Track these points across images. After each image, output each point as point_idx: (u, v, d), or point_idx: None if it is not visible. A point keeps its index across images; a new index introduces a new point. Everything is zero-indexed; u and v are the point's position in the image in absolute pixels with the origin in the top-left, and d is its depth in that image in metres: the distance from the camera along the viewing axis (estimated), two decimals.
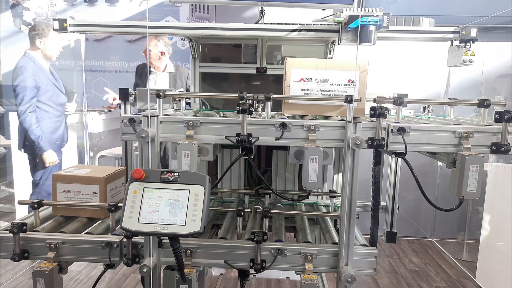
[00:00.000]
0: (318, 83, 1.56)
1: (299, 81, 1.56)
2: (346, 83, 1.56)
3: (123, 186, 1.83)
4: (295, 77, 1.56)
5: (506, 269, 2.69)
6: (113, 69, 4.86)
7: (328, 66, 1.56)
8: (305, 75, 1.56)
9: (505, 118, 1.30)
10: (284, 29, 1.72)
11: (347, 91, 1.55)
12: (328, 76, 1.56)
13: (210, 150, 1.40)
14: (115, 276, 3.08)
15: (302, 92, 1.56)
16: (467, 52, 1.74)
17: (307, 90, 1.57)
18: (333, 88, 1.56)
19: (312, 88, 1.56)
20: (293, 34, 1.72)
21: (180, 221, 1.18)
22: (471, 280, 3.21)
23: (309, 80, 1.55)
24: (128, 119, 1.39)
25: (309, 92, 1.56)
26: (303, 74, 1.56)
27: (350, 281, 1.33)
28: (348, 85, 1.55)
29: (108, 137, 4.46)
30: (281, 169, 2.13)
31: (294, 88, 1.57)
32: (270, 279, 3.11)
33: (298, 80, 1.56)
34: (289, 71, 1.56)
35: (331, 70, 1.56)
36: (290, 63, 1.56)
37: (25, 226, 1.46)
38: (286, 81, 1.57)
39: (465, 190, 1.31)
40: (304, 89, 1.57)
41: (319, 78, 1.56)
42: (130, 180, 1.23)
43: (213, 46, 2.38)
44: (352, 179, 1.35)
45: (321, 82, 1.56)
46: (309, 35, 1.73)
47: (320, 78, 1.56)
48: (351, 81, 1.55)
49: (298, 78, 1.56)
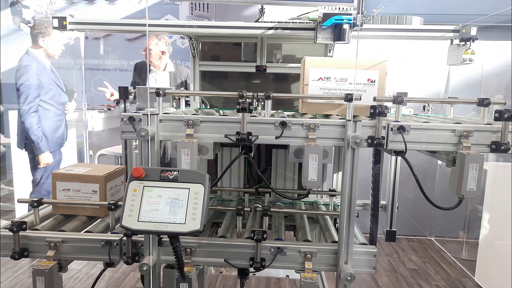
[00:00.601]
0: (337, 82, 1.55)
1: (318, 80, 1.55)
2: (365, 82, 1.55)
3: (122, 185, 1.83)
4: (313, 76, 1.55)
5: (505, 268, 2.69)
6: (113, 67, 4.85)
7: (347, 65, 1.55)
8: (324, 74, 1.55)
9: (505, 117, 1.30)
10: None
11: (366, 90, 1.54)
12: (347, 75, 1.55)
13: (210, 149, 1.40)
14: (115, 274, 3.08)
15: (320, 91, 1.55)
16: (467, 51, 1.74)
17: (326, 89, 1.56)
18: (352, 87, 1.55)
19: (331, 87, 1.55)
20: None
21: (180, 220, 1.19)
22: (470, 279, 3.21)
23: (327, 79, 1.55)
24: (128, 118, 1.38)
25: (327, 91, 1.55)
26: (321, 73, 1.55)
27: (349, 280, 1.33)
28: (367, 85, 1.55)
29: (107, 136, 4.45)
30: (281, 167, 2.13)
31: (312, 87, 1.55)
32: (270, 278, 3.11)
33: (316, 79, 1.55)
34: (308, 70, 1.54)
35: (350, 69, 1.55)
36: (309, 62, 1.55)
37: (25, 224, 1.46)
38: (304, 80, 1.55)
39: (464, 188, 1.31)
40: (322, 88, 1.56)
41: (338, 77, 1.55)
42: (130, 179, 1.23)
43: (213, 45, 2.38)
44: (352, 178, 1.35)
45: (340, 81, 1.55)
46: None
47: (339, 77, 1.55)
48: (370, 81, 1.54)
49: (316, 77, 1.55)
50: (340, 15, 1.56)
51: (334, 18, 1.56)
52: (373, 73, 1.55)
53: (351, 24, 1.57)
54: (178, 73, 3.75)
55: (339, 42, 1.60)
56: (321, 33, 1.62)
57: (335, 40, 1.60)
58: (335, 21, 1.56)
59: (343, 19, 1.56)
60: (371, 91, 1.55)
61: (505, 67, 3.73)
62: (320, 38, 1.63)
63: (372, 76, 1.55)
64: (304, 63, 1.55)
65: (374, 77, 1.55)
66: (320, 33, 1.62)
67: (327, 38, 1.62)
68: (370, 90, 1.55)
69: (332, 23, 1.57)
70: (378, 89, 1.55)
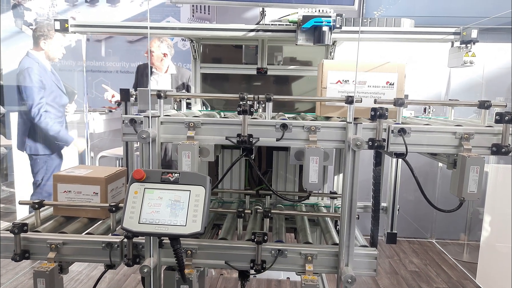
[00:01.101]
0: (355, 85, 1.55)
1: (336, 83, 1.55)
2: (384, 85, 1.54)
3: (123, 187, 1.83)
4: (332, 79, 1.55)
5: (507, 270, 2.69)
6: (114, 69, 4.87)
7: (366, 68, 1.55)
8: (342, 77, 1.55)
9: (506, 119, 1.30)
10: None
11: (384, 93, 1.54)
12: (366, 78, 1.55)
13: (211, 151, 1.40)
14: (116, 276, 3.08)
15: (339, 95, 1.55)
16: (468, 53, 1.74)
17: (344, 92, 1.55)
18: (371, 90, 1.55)
19: (349, 90, 1.55)
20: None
21: (180, 222, 1.19)
22: (471, 281, 3.20)
23: (346, 82, 1.54)
24: (129, 120, 1.39)
25: (346, 94, 1.54)
26: (340, 76, 1.55)
27: (350, 282, 1.33)
28: (386, 87, 1.54)
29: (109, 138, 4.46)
30: (281, 169, 2.13)
31: (331, 90, 1.55)
32: (271, 280, 3.11)
33: (335, 82, 1.55)
34: (326, 73, 1.54)
35: (368, 72, 1.55)
36: (327, 65, 1.55)
37: (26, 226, 1.46)
38: (322, 83, 1.55)
39: (465, 191, 1.31)
40: (341, 91, 1.55)
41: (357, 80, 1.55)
42: (131, 181, 1.24)
43: (214, 47, 2.38)
44: (353, 180, 1.35)
45: (358, 84, 1.55)
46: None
47: (357, 80, 1.55)
48: (389, 83, 1.54)
49: (335, 80, 1.55)
50: (319, 17, 1.57)
51: (314, 21, 1.57)
52: (392, 76, 1.54)
53: (331, 26, 1.58)
54: (179, 75, 3.76)
55: (319, 44, 1.61)
56: (301, 35, 1.63)
57: (315, 43, 1.60)
58: (314, 23, 1.57)
59: (323, 21, 1.56)
60: (389, 93, 1.54)
61: (506, 70, 3.73)
62: (300, 40, 1.63)
63: (391, 79, 1.54)
64: (322, 66, 1.54)
65: (393, 80, 1.54)
66: (301, 35, 1.63)
67: (307, 40, 1.63)
68: (389, 92, 1.54)
69: (311, 25, 1.57)
70: (397, 92, 1.54)
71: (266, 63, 2.23)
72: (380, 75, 1.54)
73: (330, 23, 1.57)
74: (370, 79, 1.54)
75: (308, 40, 1.62)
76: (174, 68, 3.75)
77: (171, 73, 3.73)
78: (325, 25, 1.56)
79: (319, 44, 1.60)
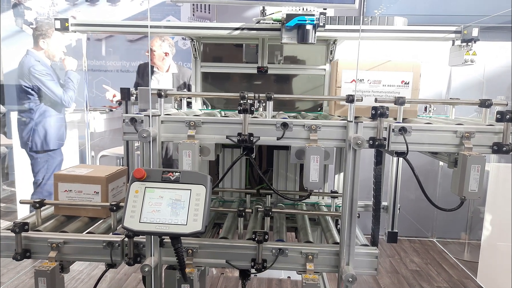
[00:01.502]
0: (370, 84, 1.54)
1: (351, 82, 1.54)
2: (399, 84, 1.54)
3: (124, 186, 1.83)
4: (346, 78, 1.54)
5: (508, 269, 2.68)
6: (114, 68, 4.86)
7: (381, 67, 1.55)
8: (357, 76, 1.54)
9: (507, 118, 1.29)
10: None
11: (399, 92, 1.53)
12: (381, 77, 1.54)
13: (212, 150, 1.40)
14: (117, 275, 3.08)
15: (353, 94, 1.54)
16: (469, 52, 1.74)
17: (359, 91, 1.54)
18: (386, 90, 1.54)
19: (364, 89, 1.54)
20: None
21: (181, 221, 1.19)
22: (472, 280, 3.20)
23: (360, 81, 1.54)
24: (130, 119, 1.39)
25: (360, 93, 1.54)
26: (355, 75, 1.54)
27: (351, 281, 1.33)
28: (401, 87, 1.54)
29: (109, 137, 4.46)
30: (282, 168, 2.13)
31: (345, 90, 1.54)
32: (271, 279, 3.11)
33: (349, 81, 1.54)
34: (341, 72, 1.53)
35: (383, 71, 1.54)
36: (341, 64, 1.54)
37: (27, 225, 1.46)
38: (337, 82, 1.54)
39: (466, 190, 1.30)
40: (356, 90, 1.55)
41: (371, 79, 1.54)
42: (132, 180, 1.24)
43: (214, 46, 2.38)
44: (353, 179, 1.35)
45: (373, 83, 1.54)
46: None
47: (372, 79, 1.54)
48: (404, 82, 1.54)
49: (349, 79, 1.54)
50: (303, 15, 1.57)
51: (297, 19, 1.56)
52: (407, 75, 1.53)
53: (314, 25, 1.57)
54: (181, 74, 3.76)
55: (303, 43, 1.61)
56: (286, 33, 1.63)
57: (299, 41, 1.60)
58: (298, 22, 1.56)
59: (306, 20, 1.56)
60: (404, 93, 1.54)
61: (507, 68, 3.72)
62: (285, 39, 1.63)
63: (406, 78, 1.54)
64: (336, 65, 1.54)
65: (408, 79, 1.54)
66: (285, 33, 1.63)
67: (292, 38, 1.62)
68: (404, 92, 1.53)
69: (295, 24, 1.57)
70: (412, 91, 1.54)
71: (267, 62, 2.23)
72: (395, 74, 1.53)
73: (314, 21, 1.57)
74: (385, 78, 1.54)
75: (292, 39, 1.62)
76: (175, 67, 3.75)
77: (172, 72, 3.73)
78: (309, 24, 1.56)
79: (303, 43, 1.60)
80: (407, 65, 1.53)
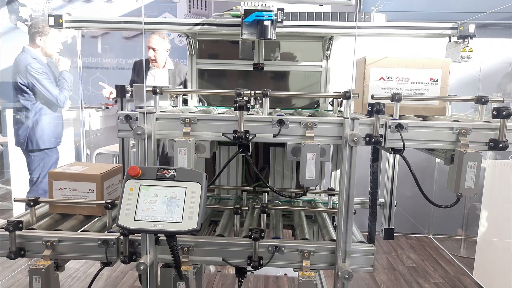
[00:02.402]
0: (398, 82, 1.53)
1: (379, 80, 1.53)
2: (427, 81, 1.53)
3: (120, 183, 1.82)
4: (374, 75, 1.52)
5: (504, 265, 2.70)
6: (110, 66, 4.84)
7: (409, 64, 1.53)
8: (385, 73, 1.53)
9: (503, 114, 1.29)
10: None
11: (428, 90, 1.52)
12: (409, 75, 1.53)
13: (207, 147, 1.39)
14: (113, 273, 3.07)
15: (382, 91, 1.54)
16: (465, 48, 1.74)
17: (387, 89, 1.53)
18: (414, 87, 1.53)
19: (392, 87, 1.53)
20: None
21: (176, 219, 1.18)
22: (468, 276, 3.22)
23: (389, 79, 1.53)
24: (124, 116, 1.38)
25: (389, 91, 1.53)
26: (383, 73, 1.53)
27: (347, 278, 1.33)
28: (430, 84, 1.53)
29: (105, 135, 4.44)
30: (278, 165, 2.12)
31: (373, 87, 1.53)
32: (268, 276, 3.11)
33: (377, 79, 1.53)
34: (369, 70, 1.52)
35: (412, 68, 1.53)
36: (369, 61, 1.52)
37: (21, 223, 1.45)
38: (365, 80, 1.53)
39: (462, 186, 1.30)
40: (384, 88, 1.54)
41: (400, 77, 1.53)
42: (126, 177, 1.23)
43: (210, 43, 2.36)
44: (350, 176, 1.35)
45: (402, 81, 1.53)
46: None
47: (400, 76, 1.53)
48: (433, 80, 1.53)
49: (377, 77, 1.53)
50: (261, 11, 1.58)
51: (255, 15, 1.58)
52: (435, 72, 1.52)
53: (273, 20, 1.59)
54: (177, 71, 3.74)
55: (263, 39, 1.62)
56: (246, 29, 1.64)
57: (258, 37, 1.62)
58: (256, 17, 1.58)
59: (264, 15, 1.57)
60: (433, 90, 1.53)
61: (503, 65, 3.73)
62: (245, 35, 1.65)
63: (435, 75, 1.52)
64: (364, 62, 1.53)
65: (437, 76, 1.53)
66: (245, 29, 1.64)
67: (252, 34, 1.64)
68: (433, 89, 1.52)
69: (253, 19, 1.58)
70: (441, 88, 1.52)
71: (263, 59, 2.22)
72: (424, 71, 1.52)
73: (272, 17, 1.58)
74: (414, 75, 1.52)
75: (252, 34, 1.64)
76: (172, 64, 3.73)
77: (168, 68, 3.71)
78: (267, 19, 1.57)
79: (262, 39, 1.62)
80: (436, 62, 1.52)
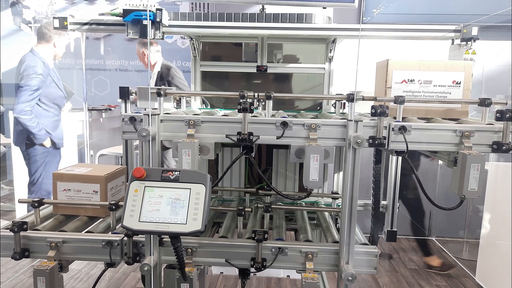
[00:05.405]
0: (420, 84, 1.53)
1: (401, 83, 1.53)
2: (450, 84, 1.53)
3: (123, 185, 1.82)
4: (397, 78, 1.52)
5: (506, 268, 2.69)
6: (113, 67, 4.86)
7: (432, 67, 1.53)
8: (408, 76, 1.53)
9: (506, 117, 1.29)
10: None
11: (451, 92, 1.53)
12: (432, 78, 1.53)
13: (211, 149, 1.40)
14: (116, 274, 3.08)
15: (404, 94, 1.53)
16: (468, 51, 1.74)
17: (409, 92, 1.53)
18: (436, 90, 1.53)
19: (415, 90, 1.53)
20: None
21: (181, 220, 1.18)
22: (471, 279, 3.21)
23: (411, 82, 1.53)
24: (129, 118, 1.38)
25: (411, 94, 1.53)
26: (405, 76, 1.53)
27: (350, 280, 1.33)
28: (452, 87, 1.53)
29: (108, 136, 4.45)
30: (281, 167, 2.13)
31: (395, 90, 1.53)
32: (271, 278, 3.11)
33: (400, 81, 1.52)
34: (391, 73, 1.52)
35: (434, 71, 1.53)
36: (392, 64, 1.52)
37: (25, 224, 1.45)
38: (387, 83, 1.53)
39: (466, 188, 1.30)
40: (406, 90, 1.53)
41: (422, 80, 1.53)
42: (131, 179, 1.23)
43: (213, 45, 2.37)
44: (353, 178, 1.35)
45: (424, 83, 1.53)
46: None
47: (423, 79, 1.53)
48: (455, 82, 1.53)
49: (400, 80, 1.52)
50: (139, 11, 1.60)
51: (133, 14, 1.60)
52: (458, 75, 1.52)
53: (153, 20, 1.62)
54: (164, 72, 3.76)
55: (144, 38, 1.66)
56: (131, 28, 1.68)
57: (140, 36, 1.65)
58: (134, 17, 1.61)
59: (142, 15, 1.59)
60: (456, 93, 1.53)
61: (506, 67, 3.72)
62: (131, 34, 1.68)
63: (457, 78, 1.52)
64: (387, 65, 1.52)
65: (459, 79, 1.53)
66: (131, 28, 1.68)
67: (136, 33, 1.67)
68: (455, 92, 1.52)
69: (132, 18, 1.61)
70: (464, 91, 1.53)
71: (266, 61, 2.22)
72: (446, 74, 1.52)
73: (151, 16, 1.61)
74: (436, 78, 1.52)
75: (136, 33, 1.67)
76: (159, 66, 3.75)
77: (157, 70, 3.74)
78: (145, 19, 1.60)
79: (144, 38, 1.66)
80: (458, 65, 1.52)
